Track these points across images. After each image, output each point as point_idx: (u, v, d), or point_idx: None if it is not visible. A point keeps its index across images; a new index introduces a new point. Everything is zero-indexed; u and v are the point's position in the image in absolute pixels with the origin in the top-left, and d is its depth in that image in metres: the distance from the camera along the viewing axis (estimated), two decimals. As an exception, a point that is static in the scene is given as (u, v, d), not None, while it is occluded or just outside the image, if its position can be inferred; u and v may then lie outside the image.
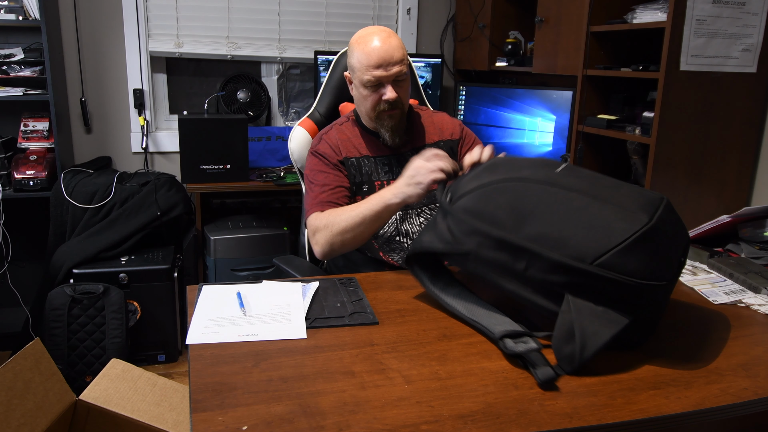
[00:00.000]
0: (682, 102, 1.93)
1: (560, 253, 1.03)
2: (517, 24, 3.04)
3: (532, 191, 1.11)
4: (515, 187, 1.13)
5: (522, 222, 1.08)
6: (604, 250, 1.01)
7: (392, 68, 1.53)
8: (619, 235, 1.01)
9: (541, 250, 1.05)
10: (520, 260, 1.08)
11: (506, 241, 1.08)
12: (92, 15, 2.90)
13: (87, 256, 2.51)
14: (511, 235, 1.08)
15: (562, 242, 1.04)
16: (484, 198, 1.15)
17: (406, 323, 1.19)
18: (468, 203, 1.16)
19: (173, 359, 2.68)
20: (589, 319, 1.02)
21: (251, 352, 1.06)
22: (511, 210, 1.10)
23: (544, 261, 1.05)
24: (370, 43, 1.53)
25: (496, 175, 1.18)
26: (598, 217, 1.05)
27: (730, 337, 1.17)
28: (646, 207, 1.06)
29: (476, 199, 1.16)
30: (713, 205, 2.04)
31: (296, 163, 1.88)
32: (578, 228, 1.04)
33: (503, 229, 1.09)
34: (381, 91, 1.55)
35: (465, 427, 0.86)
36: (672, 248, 1.09)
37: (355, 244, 1.51)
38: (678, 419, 0.92)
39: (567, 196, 1.09)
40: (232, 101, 3.08)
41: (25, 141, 2.70)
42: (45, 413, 1.66)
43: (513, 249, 1.08)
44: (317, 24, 3.25)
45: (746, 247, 1.59)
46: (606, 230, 1.03)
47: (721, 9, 1.90)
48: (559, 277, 1.04)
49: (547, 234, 1.06)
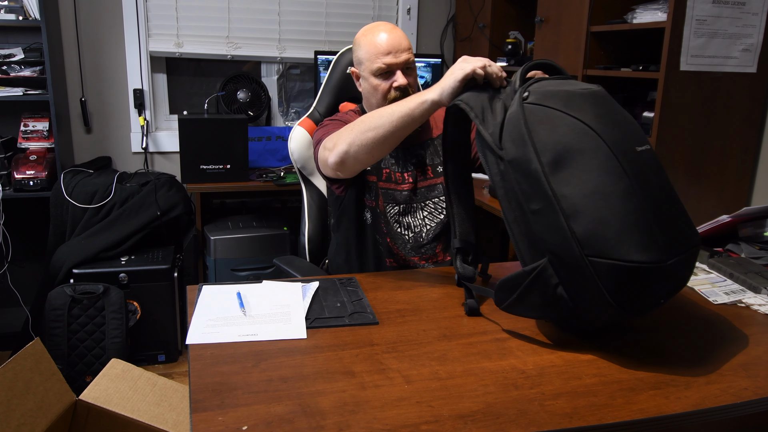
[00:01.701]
0: (682, 102, 1.92)
1: (569, 224, 0.99)
2: (517, 24, 3.04)
3: (593, 150, 1.01)
4: (584, 135, 1.03)
5: (561, 172, 1.01)
6: (606, 255, 0.97)
7: (401, 55, 1.54)
8: (626, 254, 0.97)
9: (558, 209, 1.00)
10: (535, 201, 1.03)
11: (538, 177, 1.02)
12: (92, 15, 2.90)
13: (87, 256, 2.51)
14: (543, 176, 1.02)
15: (578, 216, 0.99)
16: (553, 122, 1.05)
17: (406, 323, 1.19)
18: (536, 113, 1.06)
19: (173, 359, 2.68)
20: (543, 292, 1.04)
21: (251, 352, 1.06)
22: (562, 153, 1.02)
23: (553, 220, 1.01)
24: (378, 34, 1.56)
25: (581, 108, 1.05)
26: (625, 219, 0.98)
27: (730, 337, 1.17)
28: (677, 244, 1.01)
29: (545, 115, 1.06)
30: (713, 205, 2.04)
31: (296, 163, 1.88)
32: (602, 216, 0.98)
33: (542, 164, 1.02)
34: (392, 79, 1.56)
35: (465, 427, 0.86)
36: (658, 293, 1.04)
37: (373, 152, 1.35)
38: (678, 419, 0.92)
39: (617, 176, 1.00)
40: (232, 101, 3.08)
41: (25, 141, 2.70)
42: (45, 413, 1.66)
43: (538, 188, 1.03)
44: (317, 24, 3.25)
45: (746, 247, 1.59)
46: (621, 238, 0.97)
47: (721, 9, 1.90)
48: (553, 240, 1.01)
49: (572, 198, 1.00)
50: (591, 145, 1.02)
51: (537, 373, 1.01)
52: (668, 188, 1.07)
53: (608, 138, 1.02)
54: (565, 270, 1.01)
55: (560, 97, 1.07)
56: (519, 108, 1.08)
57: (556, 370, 1.02)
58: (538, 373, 1.01)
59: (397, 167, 1.64)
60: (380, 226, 1.63)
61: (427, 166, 1.68)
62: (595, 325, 1.11)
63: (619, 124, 1.06)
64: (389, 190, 1.63)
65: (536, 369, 1.02)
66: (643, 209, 0.99)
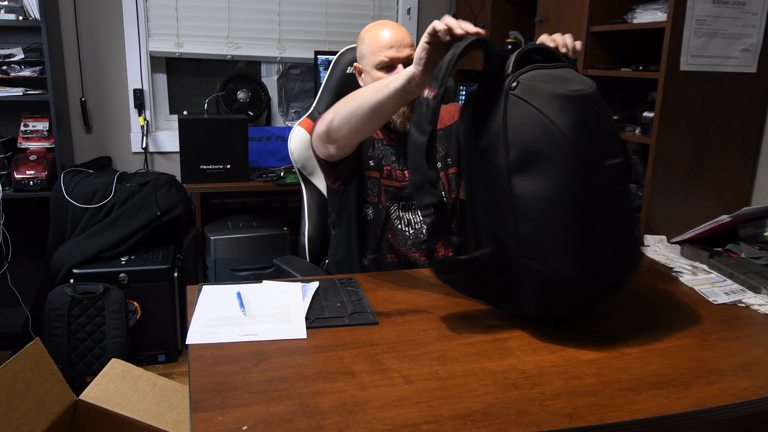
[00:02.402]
0: (682, 102, 1.92)
1: (517, 224, 1.04)
2: (517, 24, 3.03)
3: (559, 159, 1.02)
4: (555, 143, 1.02)
5: (523, 173, 1.04)
6: (540, 260, 1.03)
7: (404, 50, 1.57)
8: (555, 264, 1.03)
9: (510, 208, 1.05)
10: (493, 192, 1.08)
11: (499, 172, 1.05)
12: (92, 15, 2.90)
13: (87, 256, 2.51)
14: (507, 172, 1.04)
15: (526, 219, 1.03)
16: (530, 120, 1.04)
17: (406, 323, 1.19)
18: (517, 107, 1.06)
19: (173, 359, 2.68)
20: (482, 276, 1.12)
21: (251, 352, 1.06)
22: (529, 155, 1.03)
23: (504, 216, 1.06)
24: (381, 29, 1.59)
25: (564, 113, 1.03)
26: (567, 233, 1.02)
27: (730, 337, 1.17)
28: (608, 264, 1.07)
29: (525, 114, 1.05)
30: (713, 205, 2.04)
31: (296, 163, 1.88)
32: (547, 223, 1.02)
33: (508, 161, 1.04)
34: (393, 73, 1.56)
35: (465, 427, 0.86)
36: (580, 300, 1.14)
37: (360, 116, 1.32)
38: (678, 419, 0.92)
39: (573, 191, 1.02)
40: (232, 101, 3.08)
41: (25, 141, 2.70)
42: (45, 413, 1.66)
43: (498, 181, 1.06)
44: (317, 24, 3.25)
45: (746, 247, 1.59)
46: (558, 249, 1.02)
47: (721, 9, 1.90)
48: (500, 234, 1.08)
49: (526, 201, 1.03)
50: (558, 152, 1.02)
51: (537, 373, 1.01)
52: (624, 206, 1.11)
53: (578, 148, 1.02)
54: (502, 263, 1.09)
55: (544, 96, 1.05)
56: (503, 98, 1.07)
57: (556, 370, 1.02)
58: (538, 373, 1.01)
59: (398, 165, 1.65)
60: (381, 222, 1.63)
61: None
62: (523, 314, 1.18)
63: (594, 135, 1.06)
64: (390, 187, 1.64)
65: (536, 369, 1.02)
66: (586, 227, 1.03)
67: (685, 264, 1.57)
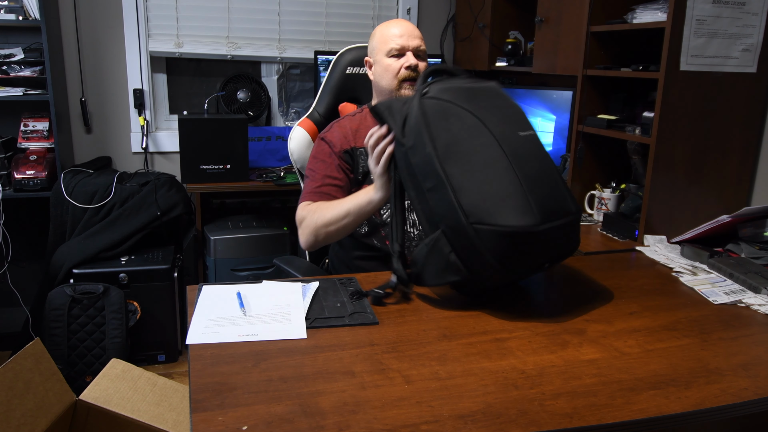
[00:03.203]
0: (682, 102, 1.92)
1: (457, 198, 1.16)
2: (517, 24, 3.03)
3: (479, 136, 1.20)
4: (472, 124, 1.22)
5: (451, 155, 1.19)
6: (487, 222, 1.13)
7: (414, 40, 1.63)
8: (503, 220, 1.13)
9: (447, 185, 1.17)
10: (429, 180, 1.20)
11: (431, 159, 1.19)
12: (92, 15, 2.90)
13: (87, 256, 2.51)
14: (436, 158, 1.19)
15: (464, 191, 1.16)
16: (446, 113, 1.24)
17: (406, 323, 1.19)
18: (432, 107, 1.25)
19: (173, 359, 2.68)
20: (439, 260, 1.19)
21: (251, 352, 1.06)
22: (452, 139, 1.20)
23: (443, 195, 1.17)
24: (393, 23, 1.67)
25: (472, 101, 1.26)
26: (503, 193, 1.15)
27: (730, 337, 1.17)
28: (550, 212, 1.17)
29: (440, 108, 1.25)
30: (713, 205, 2.04)
31: (296, 163, 1.88)
32: (484, 190, 1.16)
33: (435, 149, 1.20)
34: (402, 60, 1.62)
35: (465, 427, 0.86)
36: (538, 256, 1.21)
37: (338, 237, 1.56)
38: (678, 419, 0.92)
39: (498, 157, 1.18)
40: (232, 101, 3.08)
41: (25, 141, 2.70)
42: (45, 413, 1.66)
43: (431, 169, 1.19)
44: (317, 24, 3.25)
45: (746, 247, 1.59)
46: (499, 208, 1.14)
47: (721, 9, 1.90)
48: (445, 213, 1.17)
49: (460, 176, 1.17)
50: (477, 132, 1.21)
51: (537, 373, 1.01)
52: (547, 166, 1.24)
53: (492, 126, 1.21)
54: (456, 238, 1.17)
55: (454, 91, 1.28)
56: (418, 102, 1.26)
57: (556, 370, 1.02)
58: (538, 373, 1.01)
59: None
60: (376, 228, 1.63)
61: None
62: (487, 285, 1.25)
63: (505, 115, 1.27)
64: None
65: (536, 369, 1.02)
66: (519, 184, 1.16)
67: (685, 264, 1.57)
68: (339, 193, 1.60)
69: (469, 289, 1.28)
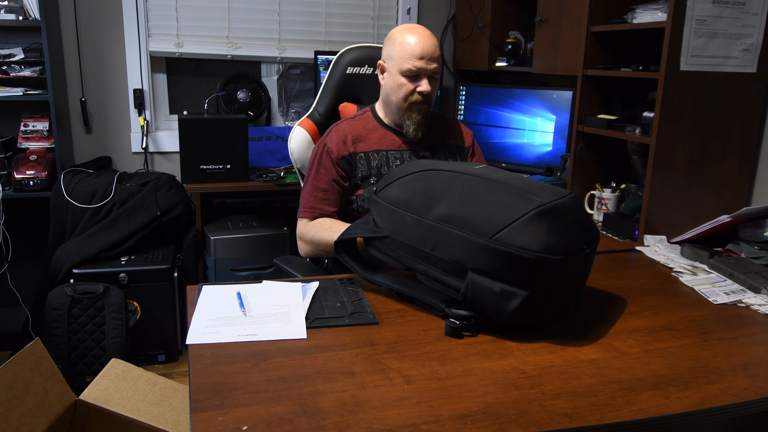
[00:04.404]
0: (682, 102, 1.92)
1: (463, 231, 1.13)
2: (517, 24, 3.03)
3: (442, 177, 1.23)
4: (429, 175, 1.25)
5: (432, 205, 1.19)
6: (502, 225, 1.10)
7: (432, 63, 1.61)
8: (515, 213, 1.11)
9: (448, 228, 1.15)
10: (428, 241, 1.18)
11: (418, 222, 1.20)
12: (92, 15, 2.90)
13: (87, 256, 2.51)
14: (421, 217, 1.19)
15: (465, 221, 1.14)
16: (403, 186, 1.27)
17: (406, 323, 1.19)
18: (389, 192, 1.29)
19: (173, 359, 2.68)
20: (488, 298, 1.11)
21: (251, 352, 1.06)
22: (423, 194, 1.22)
23: (450, 238, 1.15)
24: (416, 36, 1.61)
25: (416, 166, 1.30)
26: (499, 199, 1.15)
27: (730, 337, 1.17)
28: (548, 194, 1.15)
29: (397, 187, 1.28)
30: (713, 205, 2.04)
31: (296, 163, 1.88)
32: (481, 208, 1.15)
33: (416, 212, 1.21)
34: (417, 83, 1.61)
35: (465, 427, 0.86)
36: (572, 230, 1.14)
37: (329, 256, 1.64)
38: (678, 419, 0.92)
39: (472, 181, 1.20)
40: (232, 101, 3.08)
41: (25, 141, 2.70)
42: (45, 413, 1.66)
43: (424, 229, 1.19)
44: (317, 24, 3.25)
45: (746, 247, 1.59)
46: (505, 209, 1.12)
47: (721, 9, 1.89)
48: (462, 252, 1.13)
49: (453, 214, 1.16)
50: (438, 176, 1.24)
51: (537, 373, 1.01)
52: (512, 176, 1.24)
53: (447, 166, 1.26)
54: (488, 265, 1.11)
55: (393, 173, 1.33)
56: (372, 197, 1.33)
57: (556, 370, 1.02)
58: (538, 373, 1.01)
59: None
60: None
61: None
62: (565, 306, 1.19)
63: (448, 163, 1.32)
64: None
65: (536, 369, 1.02)
66: (508, 191, 1.16)
67: (685, 264, 1.57)
68: (336, 204, 1.65)
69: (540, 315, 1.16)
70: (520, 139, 2.84)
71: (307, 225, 1.65)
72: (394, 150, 1.68)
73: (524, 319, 1.13)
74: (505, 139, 2.90)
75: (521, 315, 1.11)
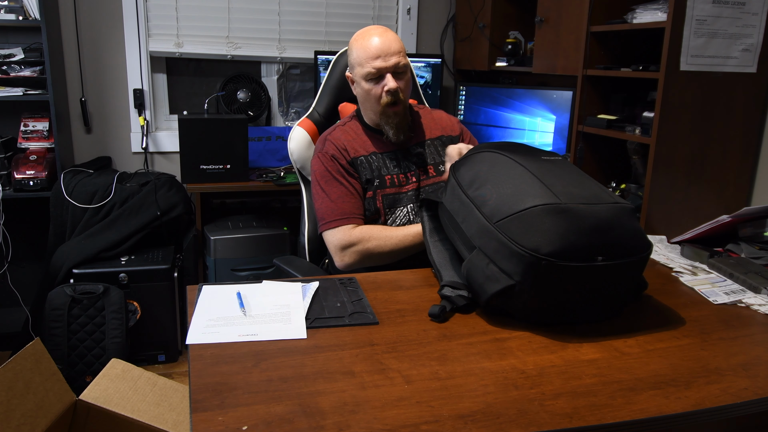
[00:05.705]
0: (682, 102, 1.92)
1: (481, 211, 1.18)
2: (517, 24, 3.03)
3: (500, 162, 1.26)
4: (491, 157, 1.28)
5: (476, 183, 1.24)
6: (507, 213, 1.13)
7: (390, 59, 1.57)
8: (522, 204, 1.12)
9: (472, 206, 1.20)
10: (460, 213, 1.24)
11: (461, 195, 1.25)
12: (92, 15, 2.90)
13: (87, 256, 2.51)
14: (464, 191, 1.25)
15: (486, 202, 1.19)
16: (470, 162, 1.32)
17: (406, 323, 1.19)
18: (459, 166, 1.34)
19: (173, 359, 2.68)
20: (479, 274, 1.16)
21: (251, 352, 1.06)
22: (476, 174, 1.26)
23: (472, 216, 1.20)
24: (368, 38, 1.59)
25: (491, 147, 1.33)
26: (524, 188, 1.15)
27: (730, 337, 1.17)
28: (578, 197, 1.13)
29: (465, 163, 1.33)
30: (713, 205, 2.04)
31: (296, 163, 1.88)
32: (503, 193, 1.17)
33: (464, 187, 1.26)
34: (382, 83, 1.58)
35: (465, 427, 0.86)
36: (584, 237, 1.09)
37: (384, 263, 1.58)
38: (678, 419, 0.92)
39: (513, 165, 1.23)
40: (232, 101, 3.08)
41: (25, 141, 2.70)
42: (45, 413, 1.66)
43: (459, 202, 1.25)
44: (317, 24, 3.25)
45: (746, 247, 1.59)
46: (520, 198, 1.14)
47: (721, 9, 1.90)
48: (475, 230, 1.18)
49: (484, 194, 1.20)
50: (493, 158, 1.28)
51: (537, 373, 1.01)
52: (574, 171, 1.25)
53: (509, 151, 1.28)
54: (488, 246, 1.15)
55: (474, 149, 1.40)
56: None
57: (556, 370, 1.02)
58: (538, 373, 1.01)
59: (399, 170, 1.67)
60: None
61: (428, 165, 1.69)
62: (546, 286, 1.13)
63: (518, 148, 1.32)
64: (389, 195, 1.64)
65: (536, 369, 1.02)
66: (539, 183, 1.16)
67: (685, 264, 1.57)
68: (362, 206, 1.64)
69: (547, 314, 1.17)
70: (520, 139, 2.84)
71: (353, 232, 1.58)
72: (388, 152, 1.68)
73: (506, 306, 1.19)
74: (505, 139, 2.90)
75: (502, 302, 1.17)
